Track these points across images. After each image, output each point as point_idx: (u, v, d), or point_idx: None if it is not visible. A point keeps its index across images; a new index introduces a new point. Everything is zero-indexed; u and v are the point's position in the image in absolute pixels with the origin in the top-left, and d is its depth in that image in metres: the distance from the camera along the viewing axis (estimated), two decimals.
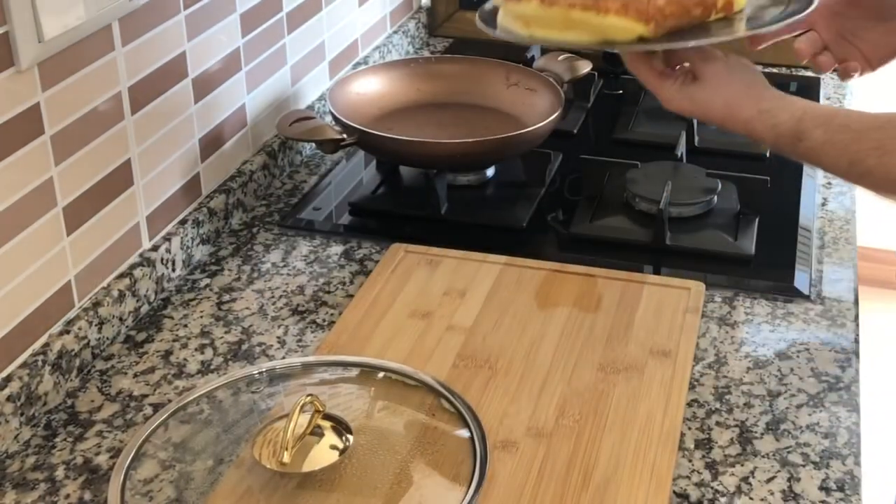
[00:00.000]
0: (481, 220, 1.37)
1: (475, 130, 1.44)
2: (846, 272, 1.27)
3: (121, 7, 1.11)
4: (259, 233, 1.36)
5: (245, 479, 0.92)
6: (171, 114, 1.25)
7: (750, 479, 0.96)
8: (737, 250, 1.28)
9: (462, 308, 1.17)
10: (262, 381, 1.04)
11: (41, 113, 1.03)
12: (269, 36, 1.45)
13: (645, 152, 1.50)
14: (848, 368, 1.10)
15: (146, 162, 1.21)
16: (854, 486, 0.95)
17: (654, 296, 1.19)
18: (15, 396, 1.00)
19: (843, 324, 1.17)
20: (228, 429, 0.98)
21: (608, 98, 1.73)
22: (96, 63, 1.10)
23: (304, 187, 1.47)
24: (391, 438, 0.96)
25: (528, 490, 0.93)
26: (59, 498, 0.95)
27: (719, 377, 1.09)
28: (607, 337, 1.13)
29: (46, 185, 1.05)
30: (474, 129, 1.45)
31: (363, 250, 1.32)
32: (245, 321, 1.19)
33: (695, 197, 1.35)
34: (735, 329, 1.16)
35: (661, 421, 1.01)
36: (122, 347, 1.15)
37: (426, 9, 2.01)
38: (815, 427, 1.02)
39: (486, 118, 1.51)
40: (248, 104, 1.42)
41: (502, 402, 1.03)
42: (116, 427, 1.03)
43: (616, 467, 0.95)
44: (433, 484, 0.92)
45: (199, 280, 1.26)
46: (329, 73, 1.65)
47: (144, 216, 1.22)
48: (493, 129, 1.44)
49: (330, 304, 1.21)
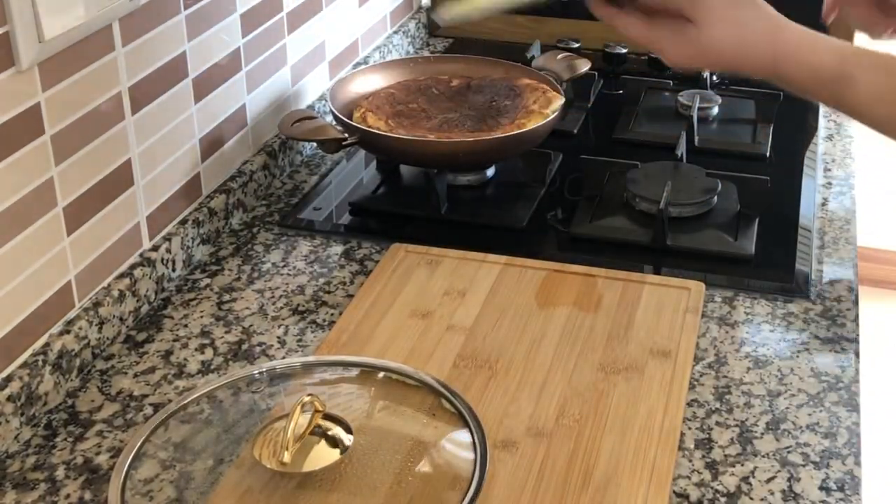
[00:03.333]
0: (481, 220, 1.37)
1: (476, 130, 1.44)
2: (846, 272, 1.27)
3: (121, 7, 1.11)
4: (259, 233, 1.36)
5: (245, 479, 0.92)
6: (171, 114, 1.25)
7: (750, 479, 0.96)
8: (737, 250, 1.28)
9: (462, 308, 1.17)
10: (262, 381, 1.04)
11: (41, 113, 1.03)
12: (269, 36, 1.45)
13: (645, 152, 1.50)
14: (848, 368, 1.10)
15: (146, 162, 1.21)
16: (854, 486, 0.95)
17: (654, 296, 1.19)
18: (15, 396, 1.00)
19: (843, 324, 1.17)
20: (228, 429, 0.98)
21: (608, 98, 1.73)
22: (96, 63, 1.10)
23: (304, 187, 1.47)
24: (391, 438, 0.96)
25: (528, 490, 0.93)
26: (60, 498, 0.95)
27: (719, 377, 1.09)
28: (607, 337, 1.13)
29: (47, 185, 1.05)
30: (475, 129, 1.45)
31: (363, 250, 1.32)
32: (245, 321, 1.19)
33: (695, 197, 1.35)
34: (735, 329, 1.16)
35: (661, 421, 1.01)
36: (122, 347, 1.15)
37: (426, 9, 2.01)
38: (815, 427, 1.02)
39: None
40: (248, 104, 1.42)
41: (502, 402, 1.03)
42: (117, 427, 1.03)
43: (616, 467, 0.95)
44: (433, 484, 0.92)
45: (200, 280, 1.26)
46: (329, 73, 1.65)
47: (144, 216, 1.22)
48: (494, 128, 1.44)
49: (330, 304, 1.21)
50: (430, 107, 1.49)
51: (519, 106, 1.46)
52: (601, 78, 1.75)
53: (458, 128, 1.42)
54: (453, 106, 1.49)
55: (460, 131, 1.41)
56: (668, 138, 1.51)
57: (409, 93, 1.52)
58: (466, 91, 1.53)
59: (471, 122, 1.44)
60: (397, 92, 1.51)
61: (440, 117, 1.45)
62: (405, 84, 1.54)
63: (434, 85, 1.54)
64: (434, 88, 1.53)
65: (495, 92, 1.51)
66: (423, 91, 1.53)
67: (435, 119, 1.45)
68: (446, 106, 1.49)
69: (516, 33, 1.89)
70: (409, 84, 1.54)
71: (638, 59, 1.82)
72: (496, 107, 1.48)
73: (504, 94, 1.50)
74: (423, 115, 1.46)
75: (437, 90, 1.53)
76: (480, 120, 1.44)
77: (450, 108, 1.48)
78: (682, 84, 1.73)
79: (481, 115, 1.46)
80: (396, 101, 1.48)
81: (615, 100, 1.73)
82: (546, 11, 1.85)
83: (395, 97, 1.49)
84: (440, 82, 1.55)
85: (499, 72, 1.57)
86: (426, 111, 1.47)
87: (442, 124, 1.43)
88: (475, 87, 1.54)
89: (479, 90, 1.53)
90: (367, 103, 1.46)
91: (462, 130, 1.41)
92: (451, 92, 1.53)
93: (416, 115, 1.46)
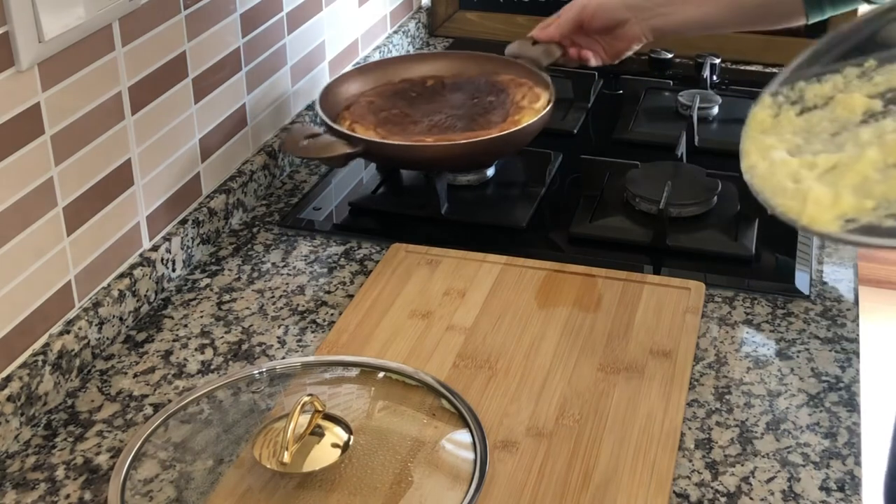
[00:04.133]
0: (481, 220, 1.37)
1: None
2: (846, 272, 1.27)
3: (121, 7, 1.11)
4: (259, 233, 1.36)
5: (245, 479, 0.92)
6: (171, 114, 1.25)
7: (750, 479, 0.96)
8: (737, 250, 1.28)
9: (462, 308, 1.17)
10: (262, 381, 1.04)
11: (41, 113, 1.03)
12: (269, 36, 1.45)
13: (645, 152, 1.50)
14: (848, 368, 1.10)
15: (146, 162, 1.21)
16: (854, 486, 0.95)
17: (654, 296, 1.19)
18: (15, 396, 1.00)
19: (843, 324, 1.17)
20: (228, 429, 0.98)
21: (608, 98, 1.73)
22: (96, 63, 1.10)
23: (304, 187, 1.47)
24: (391, 438, 0.96)
25: (528, 490, 0.93)
26: (59, 498, 0.95)
27: (719, 377, 1.09)
28: (607, 337, 1.13)
29: (47, 185, 1.05)
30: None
31: (363, 250, 1.32)
32: (245, 321, 1.19)
33: (695, 197, 1.35)
34: (735, 329, 1.16)
35: (661, 421, 1.01)
36: (122, 347, 1.15)
37: (426, 9, 2.01)
38: (815, 427, 1.02)
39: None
40: (248, 104, 1.42)
41: (502, 402, 1.03)
42: (116, 427, 1.03)
43: (616, 467, 0.95)
44: (433, 484, 0.92)
45: (200, 280, 1.26)
46: (329, 73, 1.65)
47: (144, 216, 1.22)
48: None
49: (330, 304, 1.21)
50: (412, 110, 1.45)
51: (508, 102, 1.43)
52: (601, 78, 1.75)
53: (450, 130, 1.39)
54: (436, 107, 1.45)
55: (454, 132, 1.39)
56: (668, 138, 1.51)
57: (386, 98, 1.47)
58: (442, 90, 1.50)
59: (461, 122, 1.41)
60: (376, 99, 1.47)
61: (426, 120, 1.42)
62: (380, 90, 1.50)
63: (409, 87, 1.50)
64: (411, 91, 1.49)
65: (475, 89, 1.48)
66: (400, 95, 1.49)
67: (422, 122, 1.41)
68: (428, 108, 1.45)
69: (516, 34, 1.88)
70: (385, 89, 1.50)
71: (638, 59, 1.82)
72: (481, 104, 1.45)
73: (485, 90, 1.47)
74: (408, 119, 1.43)
75: (414, 92, 1.49)
76: (471, 119, 1.42)
77: (433, 110, 1.45)
78: (682, 84, 1.73)
79: (469, 114, 1.43)
80: (378, 108, 1.45)
81: (615, 100, 1.73)
82: (546, 11, 1.85)
83: (376, 104, 1.45)
84: (415, 84, 1.52)
85: (474, 66, 1.53)
86: (409, 115, 1.43)
87: (432, 127, 1.40)
88: (450, 85, 1.51)
89: (457, 88, 1.50)
90: (349, 114, 1.42)
91: (455, 132, 1.39)
92: (429, 92, 1.50)
93: (402, 120, 1.42)
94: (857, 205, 0.88)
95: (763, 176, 0.96)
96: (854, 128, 0.97)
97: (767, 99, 1.05)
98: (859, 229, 0.87)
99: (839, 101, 1.01)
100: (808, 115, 1.02)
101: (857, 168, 0.91)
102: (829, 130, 0.99)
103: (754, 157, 0.99)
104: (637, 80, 1.77)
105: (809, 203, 0.89)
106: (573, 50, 1.47)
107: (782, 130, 1.01)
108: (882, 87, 1.01)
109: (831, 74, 1.04)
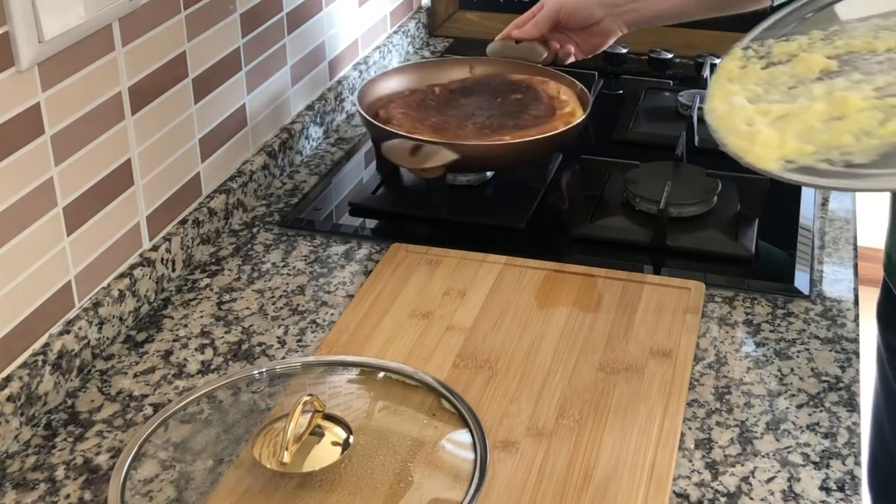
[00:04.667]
0: (481, 220, 1.37)
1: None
2: (846, 272, 1.27)
3: (121, 7, 1.11)
4: (259, 233, 1.36)
5: (245, 479, 0.92)
6: (171, 114, 1.25)
7: (750, 479, 0.96)
8: (737, 250, 1.28)
9: (462, 308, 1.18)
10: (262, 381, 1.04)
11: (41, 113, 1.03)
12: (269, 36, 1.45)
13: (645, 152, 1.50)
14: (848, 368, 1.10)
15: (146, 162, 1.21)
16: (854, 486, 0.95)
17: (654, 296, 1.19)
18: (15, 396, 1.00)
19: (843, 324, 1.17)
20: (228, 429, 0.98)
21: (608, 98, 1.73)
22: (96, 63, 1.10)
23: (304, 187, 1.47)
24: (391, 438, 0.96)
25: (528, 490, 0.93)
26: (59, 498, 0.95)
27: (719, 377, 1.09)
28: (607, 337, 1.13)
29: (46, 185, 1.05)
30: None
31: (363, 250, 1.32)
32: (245, 321, 1.19)
33: (695, 197, 1.35)
34: (735, 329, 1.16)
35: (661, 421, 1.01)
36: (122, 347, 1.15)
37: (426, 9, 2.01)
38: (815, 427, 1.02)
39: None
40: (248, 104, 1.42)
41: (502, 402, 1.03)
42: (116, 427, 1.03)
43: (616, 467, 0.95)
44: (433, 484, 0.92)
45: (200, 280, 1.26)
46: (329, 73, 1.65)
47: (144, 216, 1.22)
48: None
49: (330, 304, 1.21)
50: (446, 117, 1.43)
51: (542, 97, 1.45)
52: (601, 78, 1.75)
53: (502, 128, 1.38)
54: (465, 111, 1.44)
55: (507, 130, 1.37)
56: (668, 138, 1.51)
57: (416, 108, 1.45)
58: (455, 95, 1.49)
59: (510, 120, 1.40)
60: (408, 111, 1.44)
61: (469, 124, 1.40)
62: (406, 100, 1.47)
63: (424, 97, 1.48)
64: (428, 100, 1.48)
65: (492, 89, 1.49)
66: (424, 103, 1.47)
67: (467, 126, 1.39)
68: (457, 113, 1.44)
69: None
70: (411, 99, 1.48)
71: (638, 59, 1.82)
72: (510, 103, 1.45)
73: (505, 89, 1.48)
74: (453, 124, 1.40)
75: (432, 101, 1.48)
76: (513, 116, 1.41)
77: (465, 115, 1.43)
78: (682, 84, 1.73)
79: (507, 113, 1.42)
80: (416, 119, 1.41)
81: (615, 100, 1.73)
82: None
83: (412, 116, 1.43)
84: (429, 90, 1.50)
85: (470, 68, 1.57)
86: (448, 122, 1.41)
87: (482, 128, 1.39)
88: (459, 90, 1.50)
89: (469, 92, 1.49)
90: (399, 128, 1.37)
91: (507, 129, 1.38)
92: (444, 99, 1.48)
93: (448, 126, 1.40)
94: (798, 149, 0.96)
95: (721, 117, 1.05)
96: (809, 83, 1.06)
97: (738, 52, 1.14)
98: (796, 169, 0.95)
99: (800, 59, 1.09)
100: (772, 69, 1.10)
101: (805, 118, 0.99)
102: (787, 84, 1.07)
103: (717, 101, 1.08)
104: (637, 80, 1.77)
105: (757, 144, 0.98)
106: (553, 46, 1.51)
107: (747, 80, 1.09)
108: (841, 49, 1.10)
109: (799, 35, 1.13)
